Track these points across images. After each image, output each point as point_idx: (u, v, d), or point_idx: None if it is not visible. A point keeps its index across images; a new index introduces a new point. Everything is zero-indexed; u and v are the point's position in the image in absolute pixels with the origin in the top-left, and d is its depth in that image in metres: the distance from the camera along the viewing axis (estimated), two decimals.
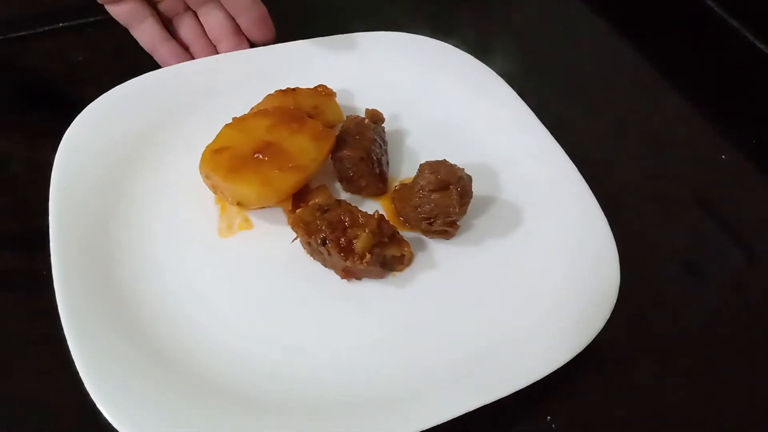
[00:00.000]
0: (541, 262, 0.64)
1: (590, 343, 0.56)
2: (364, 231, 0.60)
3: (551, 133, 0.72)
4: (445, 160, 0.65)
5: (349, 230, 0.60)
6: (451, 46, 0.84)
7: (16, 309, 0.60)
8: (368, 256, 0.59)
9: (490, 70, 0.80)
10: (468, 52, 0.83)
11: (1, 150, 0.74)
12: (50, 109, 0.79)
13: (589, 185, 0.68)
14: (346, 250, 0.59)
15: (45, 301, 0.56)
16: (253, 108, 0.72)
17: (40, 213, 0.62)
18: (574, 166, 0.69)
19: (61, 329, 0.53)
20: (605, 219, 0.65)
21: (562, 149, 0.71)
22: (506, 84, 0.78)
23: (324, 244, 0.60)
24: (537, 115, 0.74)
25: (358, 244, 0.59)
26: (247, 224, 0.67)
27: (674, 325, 0.64)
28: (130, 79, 0.74)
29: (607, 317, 0.57)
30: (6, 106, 0.80)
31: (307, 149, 0.66)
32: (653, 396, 0.59)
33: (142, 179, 0.69)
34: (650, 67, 0.94)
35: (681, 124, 0.86)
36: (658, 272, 0.68)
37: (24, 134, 0.76)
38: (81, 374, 0.50)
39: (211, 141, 0.66)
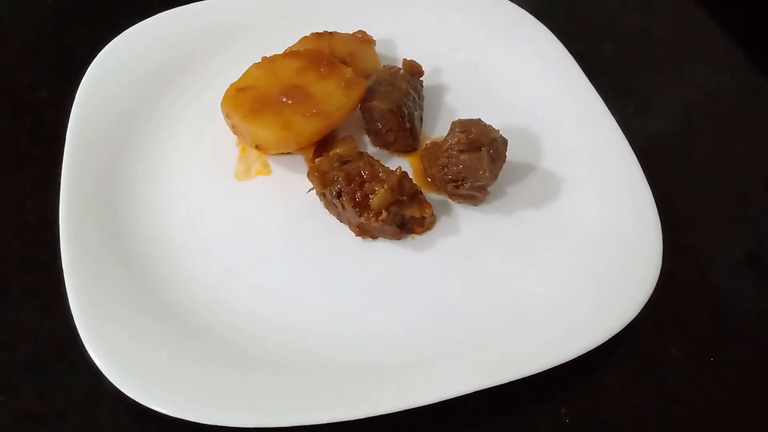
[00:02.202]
0: (574, 241, 0.58)
1: (619, 333, 0.51)
2: (383, 187, 0.56)
3: (605, 101, 0.66)
4: (479, 118, 0.59)
5: (367, 184, 0.56)
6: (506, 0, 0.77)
7: (21, 232, 0.60)
8: (384, 213, 0.55)
9: (545, 28, 0.74)
10: (524, 8, 0.76)
11: (31, 73, 0.74)
12: (85, 35, 0.77)
13: (640, 161, 0.61)
14: (361, 206, 0.56)
15: (50, 228, 0.55)
16: (287, 49, 0.69)
17: (60, 139, 0.61)
18: (625, 139, 0.63)
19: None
20: (653, 200, 0.58)
21: (612, 118, 0.64)
22: (561, 44, 0.72)
23: (339, 196, 0.56)
24: (591, 80, 0.68)
25: (374, 200, 0.55)
26: (266, 170, 0.64)
27: (719, 322, 0.58)
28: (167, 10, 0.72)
29: (640, 308, 0.52)
30: (42, 30, 0.79)
31: (333, 96, 0.62)
32: (682, 399, 0.53)
33: (165, 113, 0.67)
34: (729, 40, 0.84)
35: (756, 105, 0.77)
36: (709, 264, 0.61)
37: (55, 59, 0.76)
38: (72, 307, 0.49)
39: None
